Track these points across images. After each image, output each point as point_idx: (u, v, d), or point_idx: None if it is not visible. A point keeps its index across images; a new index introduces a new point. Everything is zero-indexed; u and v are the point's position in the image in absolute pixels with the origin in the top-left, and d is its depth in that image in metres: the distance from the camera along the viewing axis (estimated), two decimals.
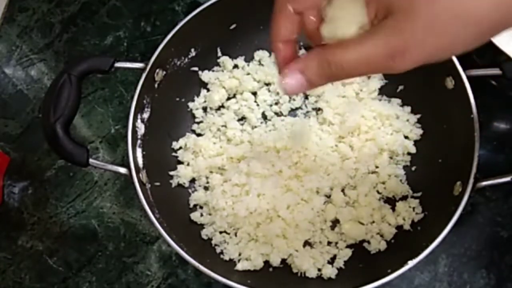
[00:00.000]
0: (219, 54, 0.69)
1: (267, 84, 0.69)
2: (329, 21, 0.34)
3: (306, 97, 0.68)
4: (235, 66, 0.69)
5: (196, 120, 0.68)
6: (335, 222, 0.61)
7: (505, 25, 0.32)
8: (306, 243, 0.60)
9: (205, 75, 0.68)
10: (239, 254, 0.59)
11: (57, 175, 0.70)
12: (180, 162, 0.65)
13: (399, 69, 0.33)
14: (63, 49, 0.79)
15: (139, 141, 0.60)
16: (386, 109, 0.64)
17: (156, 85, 0.62)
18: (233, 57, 0.69)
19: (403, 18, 0.32)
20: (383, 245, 0.59)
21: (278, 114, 0.68)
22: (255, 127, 0.67)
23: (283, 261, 0.59)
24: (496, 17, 0.32)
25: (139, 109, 0.60)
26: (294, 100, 0.68)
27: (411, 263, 0.51)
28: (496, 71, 0.55)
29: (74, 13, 0.81)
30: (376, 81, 0.66)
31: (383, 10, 0.33)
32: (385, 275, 0.51)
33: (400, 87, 0.66)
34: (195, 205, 0.63)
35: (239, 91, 0.68)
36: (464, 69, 0.57)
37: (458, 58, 0.57)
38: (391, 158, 0.64)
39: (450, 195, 0.55)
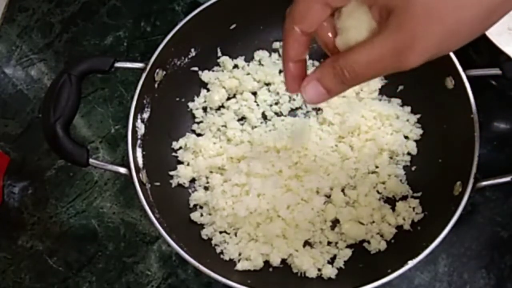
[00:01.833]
0: (219, 54, 0.69)
1: (267, 84, 0.69)
2: (341, 32, 0.36)
3: None
4: (235, 66, 0.69)
5: (196, 120, 0.68)
6: (335, 222, 0.61)
7: (507, 4, 0.32)
8: (306, 243, 0.60)
9: (205, 75, 0.68)
10: (239, 254, 0.59)
11: (57, 175, 0.70)
12: (180, 162, 0.65)
13: (410, 64, 0.33)
14: (63, 49, 0.79)
15: (139, 141, 0.60)
16: (386, 109, 0.64)
17: (156, 85, 0.62)
18: (233, 57, 0.69)
19: (403, 13, 0.32)
20: (383, 245, 0.59)
21: (278, 114, 0.68)
22: (255, 127, 0.67)
23: (283, 261, 0.59)
24: None
25: (139, 109, 0.60)
26: (294, 100, 0.68)
27: (411, 263, 0.51)
28: (496, 71, 0.55)
29: (74, 13, 0.81)
30: (376, 81, 0.66)
31: (385, 11, 0.34)
32: (385, 275, 0.51)
33: (400, 87, 0.66)
34: (195, 205, 0.63)
35: (239, 91, 0.68)
36: (464, 69, 0.57)
37: (458, 58, 0.57)
38: (391, 158, 0.64)
39: (450, 195, 0.55)
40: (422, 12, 0.32)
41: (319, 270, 0.58)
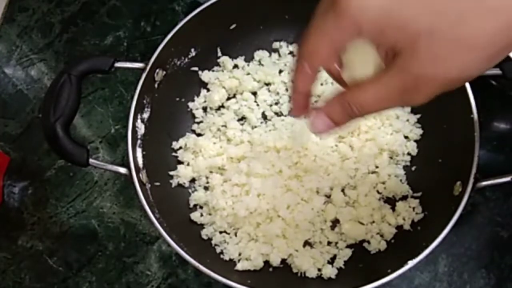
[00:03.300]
0: (219, 54, 0.69)
1: (267, 84, 0.69)
2: (347, 67, 0.38)
3: None
4: (235, 66, 0.69)
5: (196, 120, 0.68)
6: (335, 222, 0.61)
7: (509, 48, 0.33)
8: (306, 243, 0.60)
9: (205, 75, 0.68)
10: (239, 254, 0.59)
11: (57, 175, 0.70)
12: (180, 162, 0.65)
13: (415, 102, 0.35)
14: (63, 49, 0.79)
15: (139, 141, 0.60)
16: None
17: (156, 85, 0.62)
18: (233, 57, 0.69)
19: (409, 56, 0.33)
20: (383, 245, 0.59)
21: (278, 114, 0.68)
22: (255, 127, 0.67)
23: (283, 261, 0.59)
24: (502, 39, 0.32)
25: (139, 109, 0.60)
26: None
27: (411, 263, 0.51)
28: (496, 71, 0.55)
29: (74, 13, 0.81)
30: None
31: (391, 51, 0.35)
32: (385, 275, 0.51)
33: None
34: (195, 205, 0.63)
35: (239, 91, 0.68)
36: None
37: None
38: (391, 158, 0.64)
39: (450, 195, 0.55)
40: (426, 56, 0.33)
41: (319, 270, 0.58)
